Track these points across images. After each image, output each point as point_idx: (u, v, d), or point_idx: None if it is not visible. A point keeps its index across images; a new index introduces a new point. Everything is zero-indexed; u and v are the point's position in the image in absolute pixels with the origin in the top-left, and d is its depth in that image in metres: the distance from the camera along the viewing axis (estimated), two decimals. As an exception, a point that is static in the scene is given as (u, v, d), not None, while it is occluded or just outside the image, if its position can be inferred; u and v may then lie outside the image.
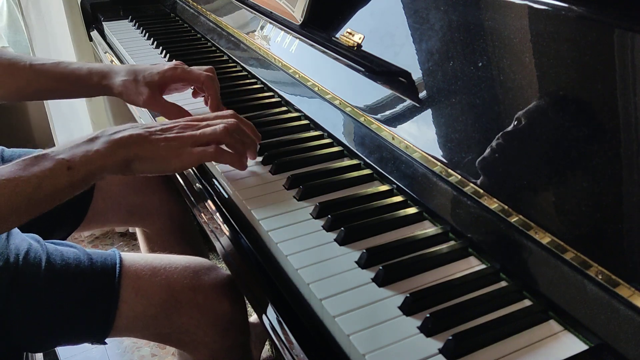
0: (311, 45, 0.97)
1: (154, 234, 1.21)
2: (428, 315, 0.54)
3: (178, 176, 0.96)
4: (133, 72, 0.96)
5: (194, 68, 0.97)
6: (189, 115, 0.94)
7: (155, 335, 0.90)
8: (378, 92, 0.82)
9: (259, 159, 0.84)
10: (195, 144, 0.74)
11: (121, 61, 1.37)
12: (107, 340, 0.87)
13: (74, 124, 1.95)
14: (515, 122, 0.62)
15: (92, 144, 0.71)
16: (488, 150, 0.64)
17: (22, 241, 0.85)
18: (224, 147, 0.77)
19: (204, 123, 0.77)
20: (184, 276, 0.86)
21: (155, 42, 1.37)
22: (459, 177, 0.66)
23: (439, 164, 0.69)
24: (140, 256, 0.90)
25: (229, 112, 0.81)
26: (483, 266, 0.62)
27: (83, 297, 0.83)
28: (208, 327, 0.87)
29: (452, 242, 0.65)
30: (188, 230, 1.24)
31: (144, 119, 1.23)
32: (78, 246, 0.89)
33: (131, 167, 0.73)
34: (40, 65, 0.97)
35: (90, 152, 0.70)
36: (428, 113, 0.73)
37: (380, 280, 0.59)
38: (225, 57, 1.26)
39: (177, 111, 0.95)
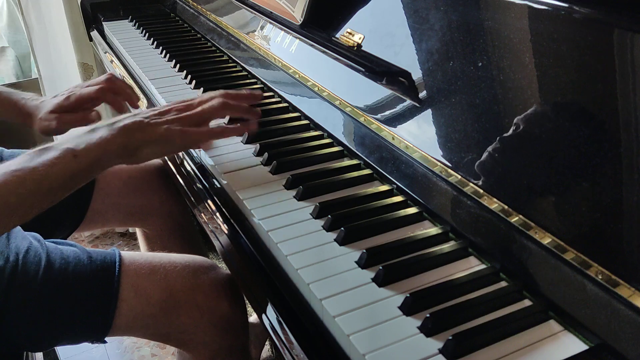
0: (311, 45, 0.97)
1: (153, 234, 1.21)
2: (428, 315, 0.54)
3: (178, 176, 0.96)
4: (37, 110, 1.03)
5: (90, 83, 1.03)
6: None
7: (155, 335, 0.90)
8: (378, 92, 0.82)
9: (260, 159, 0.84)
10: (198, 123, 0.78)
11: (121, 61, 1.37)
12: (107, 340, 0.87)
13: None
14: (515, 122, 0.62)
15: (94, 133, 0.73)
16: (488, 150, 0.64)
17: (23, 240, 0.85)
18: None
19: (197, 101, 0.80)
20: (183, 276, 0.86)
21: (155, 42, 1.37)
22: (459, 177, 0.66)
23: (439, 164, 0.69)
24: (139, 255, 0.90)
25: (220, 91, 0.84)
26: (483, 266, 0.62)
27: (82, 296, 0.83)
28: (207, 327, 0.87)
29: (452, 242, 0.65)
30: (188, 230, 1.24)
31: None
32: (78, 245, 0.89)
33: (137, 154, 0.75)
34: None
35: (93, 140, 0.72)
36: (428, 113, 0.73)
37: (380, 280, 0.59)
38: (225, 57, 1.26)
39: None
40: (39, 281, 0.81)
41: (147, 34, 1.44)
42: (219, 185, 0.83)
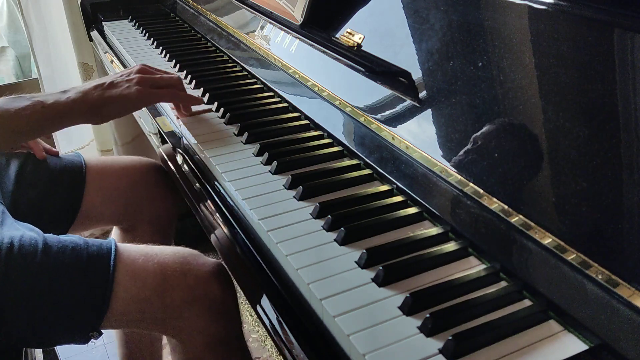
0: (311, 45, 0.97)
1: (149, 230, 1.21)
2: (428, 315, 0.54)
3: (178, 176, 0.96)
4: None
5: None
6: None
7: (150, 322, 0.90)
8: (378, 92, 0.82)
9: (260, 159, 0.84)
10: (154, 86, 0.92)
11: (121, 61, 1.37)
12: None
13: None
14: (515, 122, 0.62)
15: (65, 94, 0.87)
16: (488, 150, 0.64)
17: (17, 230, 0.86)
18: None
19: (158, 71, 0.96)
20: (174, 261, 0.88)
21: (155, 42, 1.37)
22: (459, 177, 0.66)
23: (439, 164, 0.69)
24: (133, 245, 0.92)
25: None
26: (483, 266, 0.62)
27: (79, 280, 0.83)
28: (200, 310, 0.88)
29: (452, 242, 0.65)
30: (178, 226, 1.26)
31: (143, 118, 1.23)
32: (75, 235, 0.90)
33: (101, 112, 0.89)
34: None
35: (61, 99, 0.86)
36: (428, 113, 0.73)
37: (380, 280, 0.59)
38: (225, 57, 1.26)
39: None
40: (37, 263, 0.82)
41: (147, 34, 1.44)
42: (219, 187, 0.83)
